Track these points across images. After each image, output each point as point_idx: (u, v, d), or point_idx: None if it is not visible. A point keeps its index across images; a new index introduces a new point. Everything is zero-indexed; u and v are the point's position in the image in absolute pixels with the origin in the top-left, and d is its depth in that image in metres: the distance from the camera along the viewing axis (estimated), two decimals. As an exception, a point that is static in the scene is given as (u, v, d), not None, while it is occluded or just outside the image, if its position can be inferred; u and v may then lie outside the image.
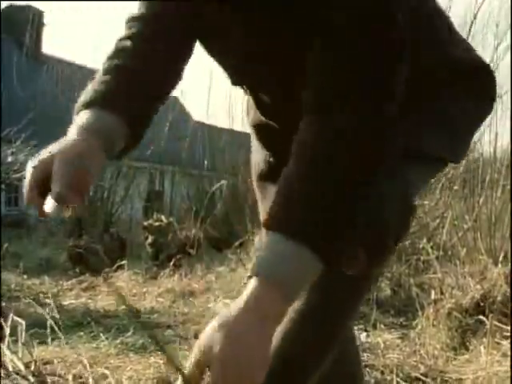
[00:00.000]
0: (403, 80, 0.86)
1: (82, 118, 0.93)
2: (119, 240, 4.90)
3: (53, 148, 0.87)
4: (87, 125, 0.91)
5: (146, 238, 4.55)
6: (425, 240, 3.77)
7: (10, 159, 5.57)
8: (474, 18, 3.92)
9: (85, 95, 0.96)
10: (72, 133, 0.90)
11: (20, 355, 1.94)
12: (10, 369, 1.46)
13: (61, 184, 0.83)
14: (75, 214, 0.88)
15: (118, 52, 1.01)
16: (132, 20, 1.04)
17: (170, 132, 7.79)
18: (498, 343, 2.49)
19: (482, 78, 1.05)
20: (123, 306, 2.33)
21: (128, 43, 1.01)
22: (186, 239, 4.33)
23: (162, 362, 2.14)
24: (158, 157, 8.29)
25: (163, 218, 4.72)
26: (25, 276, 4.48)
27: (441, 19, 1.06)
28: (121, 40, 1.03)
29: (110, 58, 1.00)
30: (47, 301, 3.71)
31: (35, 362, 1.61)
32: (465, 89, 1.02)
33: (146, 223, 4.70)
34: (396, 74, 0.85)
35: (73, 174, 0.84)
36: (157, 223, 4.58)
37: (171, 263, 4.02)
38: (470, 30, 3.90)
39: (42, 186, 0.85)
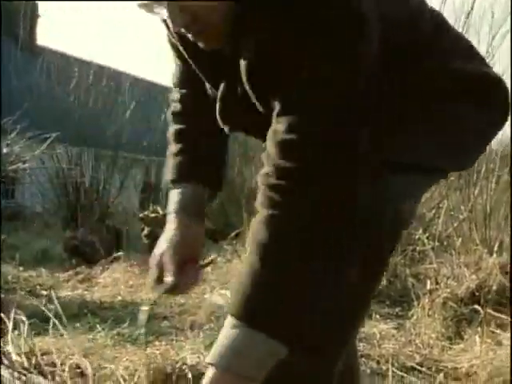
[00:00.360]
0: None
1: (171, 199, 1.15)
2: (115, 231, 4.90)
3: (162, 241, 1.10)
4: (175, 205, 1.14)
5: (142, 230, 4.54)
6: (420, 231, 3.78)
7: (5, 150, 5.56)
8: (471, 8, 3.91)
9: (167, 172, 1.17)
10: (169, 219, 1.13)
11: (22, 348, 1.95)
12: (13, 359, 1.46)
13: (172, 273, 1.06)
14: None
15: (174, 116, 1.21)
16: (176, 85, 1.22)
17: (165, 124, 7.76)
18: (493, 332, 2.51)
19: (487, 88, 1.02)
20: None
21: (178, 106, 1.20)
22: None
23: (158, 352, 2.15)
24: (154, 149, 8.27)
25: (159, 209, 4.71)
26: (21, 268, 4.47)
27: (443, 29, 1.04)
28: (173, 102, 1.21)
29: (172, 122, 1.21)
30: (44, 292, 3.72)
31: (35, 355, 1.61)
32: (467, 98, 1.00)
33: (142, 214, 4.70)
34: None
35: (180, 258, 1.07)
36: (153, 214, 4.57)
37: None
38: (467, 18, 3.90)
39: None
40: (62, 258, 4.93)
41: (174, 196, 1.15)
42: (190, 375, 2.01)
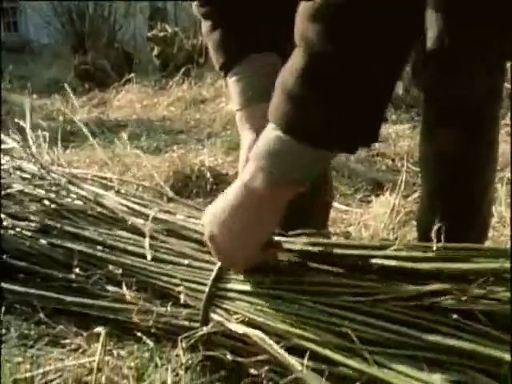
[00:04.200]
0: None
1: (232, 92, 0.94)
2: (125, 54, 4.79)
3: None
4: (240, 98, 0.93)
5: (152, 50, 4.43)
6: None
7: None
8: None
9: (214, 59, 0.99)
10: (239, 122, 0.94)
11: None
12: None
13: None
14: None
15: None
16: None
17: None
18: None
19: None
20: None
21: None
22: (193, 48, 4.22)
23: (176, 155, 2.19)
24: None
25: (168, 27, 4.55)
26: (34, 96, 4.44)
27: None
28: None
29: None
30: (60, 118, 3.73)
31: (58, 157, 1.64)
32: None
33: (150, 34, 4.54)
34: None
35: None
36: (162, 33, 4.42)
37: (180, 73, 3.95)
38: None
39: None
40: (75, 85, 4.87)
41: (234, 86, 0.93)
42: (208, 175, 2.07)
